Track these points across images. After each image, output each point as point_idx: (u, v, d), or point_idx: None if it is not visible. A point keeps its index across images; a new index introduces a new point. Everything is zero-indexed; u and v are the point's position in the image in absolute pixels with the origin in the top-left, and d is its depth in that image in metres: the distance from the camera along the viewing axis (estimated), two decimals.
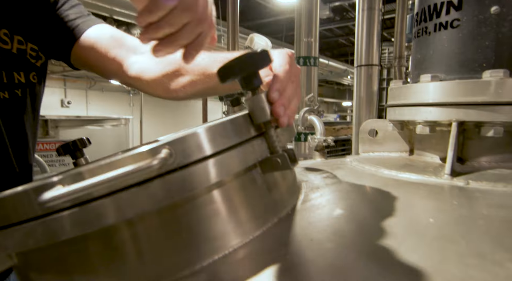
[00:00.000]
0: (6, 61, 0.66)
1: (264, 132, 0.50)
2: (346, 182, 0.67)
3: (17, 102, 0.69)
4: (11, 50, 0.67)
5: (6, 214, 0.41)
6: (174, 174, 0.41)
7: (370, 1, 2.37)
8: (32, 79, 0.71)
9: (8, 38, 0.66)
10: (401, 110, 0.78)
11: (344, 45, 9.08)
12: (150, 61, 0.71)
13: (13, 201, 0.41)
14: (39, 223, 0.40)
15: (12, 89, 0.67)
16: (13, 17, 0.68)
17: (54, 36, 0.73)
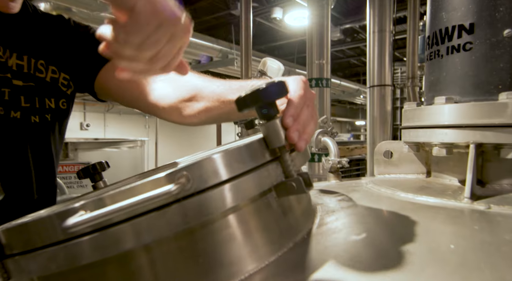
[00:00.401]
0: (40, 88, 0.71)
1: (279, 157, 0.50)
2: (362, 205, 0.66)
3: (46, 126, 0.73)
4: (45, 78, 0.72)
5: (30, 238, 0.43)
6: (191, 199, 0.42)
7: (381, 23, 2.41)
8: (62, 105, 0.76)
9: (44, 68, 0.72)
10: (416, 132, 0.78)
11: (356, 66, 9.14)
12: (167, 88, 0.75)
13: (37, 226, 0.42)
14: (61, 248, 0.41)
15: (43, 114, 0.72)
16: (50, 49, 0.74)
17: (81, 68, 0.79)
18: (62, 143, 0.83)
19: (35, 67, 0.71)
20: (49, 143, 0.75)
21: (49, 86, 0.74)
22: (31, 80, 0.71)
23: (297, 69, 7.08)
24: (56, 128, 0.77)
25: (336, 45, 6.36)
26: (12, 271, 0.45)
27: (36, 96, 0.71)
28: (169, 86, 0.74)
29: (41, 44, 0.73)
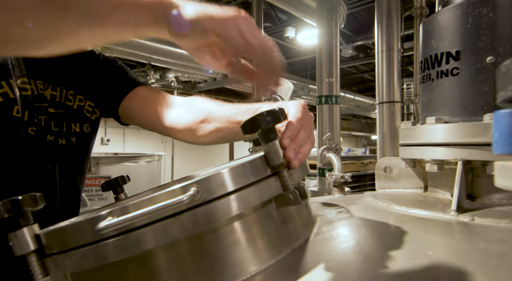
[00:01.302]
0: (68, 115, 0.82)
1: (278, 172, 0.58)
2: (358, 216, 0.72)
3: (71, 148, 0.84)
4: (72, 106, 0.83)
5: (66, 240, 0.51)
6: (200, 208, 0.49)
7: (389, 42, 2.48)
8: (85, 129, 0.87)
9: (72, 97, 0.83)
10: (410, 149, 0.84)
11: (369, 81, 9.16)
12: (182, 112, 0.84)
13: (73, 229, 0.51)
14: (92, 248, 0.49)
15: (69, 137, 0.83)
16: (79, 81, 0.86)
17: (107, 97, 0.90)
18: (87, 162, 0.93)
19: (65, 97, 0.83)
20: (73, 163, 0.85)
21: (75, 113, 0.84)
22: (61, 108, 0.81)
23: (310, 84, 7.17)
24: (80, 150, 0.87)
25: (349, 61, 6.44)
26: (50, 268, 0.53)
27: (64, 122, 0.82)
28: (183, 110, 0.84)
29: (72, 77, 0.85)
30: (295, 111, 0.61)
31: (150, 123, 0.90)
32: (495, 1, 0.71)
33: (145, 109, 0.89)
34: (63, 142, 0.82)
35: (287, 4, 3.36)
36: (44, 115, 0.76)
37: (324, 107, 2.78)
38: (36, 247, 0.52)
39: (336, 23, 2.85)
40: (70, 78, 0.84)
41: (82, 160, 0.88)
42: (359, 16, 5.09)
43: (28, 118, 0.72)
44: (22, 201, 0.51)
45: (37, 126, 0.74)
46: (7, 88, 0.69)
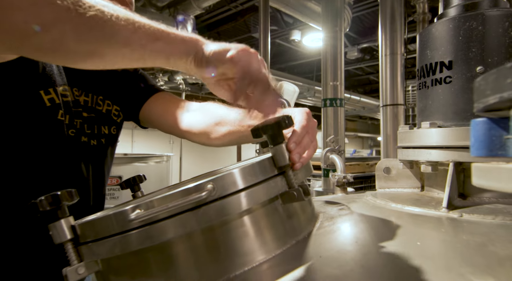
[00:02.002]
0: (98, 118, 0.91)
1: (284, 172, 0.64)
2: (357, 213, 0.78)
3: (101, 148, 0.93)
4: (102, 110, 0.92)
5: (100, 230, 0.58)
6: (215, 203, 0.57)
7: (392, 46, 2.53)
8: (113, 131, 0.95)
9: (102, 102, 0.92)
10: (407, 151, 0.90)
11: (375, 82, 9.18)
12: (197, 116, 0.92)
13: (105, 221, 0.58)
14: (121, 237, 0.57)
15: (99, 138, 0.91)
16: (107, 87, 0.95)
17: (129, 101, 0.99)
18: (112, 161, 1.01)
19: (96, 102, 0.92)
20: (103, 161, 0.94)
21: (104, 116, 0.94)
22: (93, 112, 0.90)
23: (316, 86, 7.22)
24: (108, 149, 0.96)
25: (354, 63, 6.47)
26: (84, 255, 0.60)
27: (95, 124, 0.91)
28: (199, 115, 0.92)
29: (101, 83, 0.94)
30: (300, 118, 0.68)
31: (168, 127, 0.98)
32: (485, 16, 0.77)
33: (163, 114, 0.97)
34: (95, 143, 0.91)
35: (293, 10, 3.43)
36: (80, 119, 0.85)
37: (329, 110, 2.84)
38: (72, 236, 0.60)
39: (340, 28, 2.90)
40: (99, 85, 0.94)
41: (109, 159, 0.97)
42: (365, 18, 5.13)
43: (68, 121, 0.81)
44: (61, 196, 0.59)
45: (75, 128, 0.83)
46: (54, 95, 0.78)
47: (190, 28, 4.00)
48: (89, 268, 0.60)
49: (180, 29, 3.61)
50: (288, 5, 3.34)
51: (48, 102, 0.76)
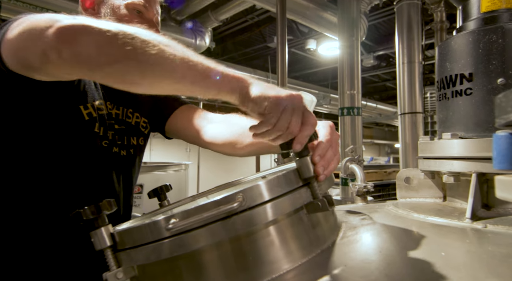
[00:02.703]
0: (128, 130, 0.97)
1: (309, 183, 0.67)
2: (379, 223, 0.80)
3: (130, 158, 0.99)
4: (131, 122, 0.98)
5: (137, 237, 0.62)
6: (245, 213, 0.60)
7: (410, 55, 2.52)
8: (140, 142, 1.01)
9: (131, 115, 0.98)
10: (428, 162, 0.91)
11: (392, 89, 9.06)
12: (221, 128, 0.97)
13: (141, 229, 0.62)
14: (158, 244, 0.60)
15: (128, 149, 0.97)
16: (136, 101, 1.02)
17: (156, 114, 1.05)
18: (139, 171, 1.07)
19: (126, 115, 0.98)
20: (131, 171, 0.99)
21: (133, 128, 1.00)
22: (123, 124, 0.97)
23: (331, 94, 7.21)
24: (136, 159, 1.02)
25: (370, 70, 6.44)
26: (123, 260, 0.64)
27: (125, 136, 0.97)
28: (223, 126, 0.97)
29: (131, 98, 1.00)
30: (325, 132, 0.71)
31: (192, 138, 1.04)
32: (504, 29, 0.78)
33: (188, 126, 1.03)
34: (124, 153, 0.96)
35: (309, 21, 3.48)
36: (112, 131, 0.91)
37: (346, 118, 2.85)
38: (111, 243, 0.64)
39: (357, 38, 2.92)
40: (129, 99, 1.00)
41: (136, 169, 1.02)
42: (380, 26, 5.12)
43: (102, 133, 0.87)
44: (102, 205, 0.64)
45: (108, 139, 0.89)
46: (91, 109, 0.84)
47: (208, 40, 4.11)
48: (126, 273, 0.64)
49: (189, 36, 3.74)
50: (305, 17, 3.39)
51: (86, 116, 0.82)
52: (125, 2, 0.91)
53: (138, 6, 0.91)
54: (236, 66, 5.58)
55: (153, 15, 0.95)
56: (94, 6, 0.92)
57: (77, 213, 0.63)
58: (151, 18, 0.94)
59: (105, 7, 0.91)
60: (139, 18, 0.92)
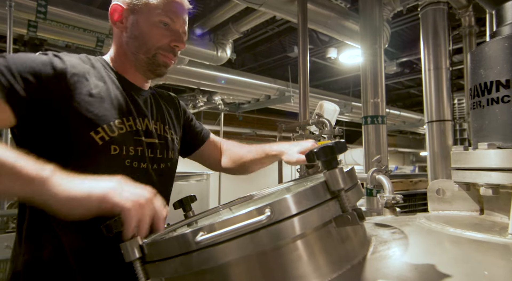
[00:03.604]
0: (167, 144, 1.01)
1: (337, 196, 0.65)
2: (412, 237, 0.76)
3: (168, 170, 1.02)
4: (168, 138, 1.03)
5: (165, 250, 0.62)
6: (272, 227, 0.59)
7: (436, 61, 2.44)
8: (175, 156, 1.06)
9: (168, 131, 1.03)
10: (463, 173, 0.87)
11: (416, 96, 8.81)
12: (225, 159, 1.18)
13: (169, 242, 0.62)
14: (186, 257, 0.60)
15: (166, 162, 1.01)
16: (168, 118, 1.08)
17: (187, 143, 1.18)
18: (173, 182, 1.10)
19: (164, 130, 1.02)
20: (168, 183, 1.02)
21: (170, 143, 1.03)
22: (162, 139, 1.00)
23: (353, 102, 7.10)
24: (172, 171, 1.06)
25: (393, 77, 6.31)
26: (151, 272, 0.65)
27: (165, 150, 1.00)
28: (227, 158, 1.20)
29: (164, 115, 1.06)
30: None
31: (213, 165, 1.23)
32: None
33: (209, 157, 1.21)
34: (163, 166, 1.00)
35: (330, 30, 3.46)
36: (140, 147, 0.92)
37: (370, 127, 2.78)
38: (140, 255, 0.65)
39: (380, 45, 2.87)
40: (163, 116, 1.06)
41: (172, 180, 1.07)
42: (403, 33, 5.02)
43: (125, 152, 0.88)
44: None
45: (131, 157, 0.90)
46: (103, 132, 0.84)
47: (229, 51, 4.18)
48: None
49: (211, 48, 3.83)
50: (326, 26, 3.38)
51: (99, 140, 0.83)
52: (151, 16, 0.92)
53: (164, 19, 0.93)
54: (256, 76, 5.62)
55: (179, 27, 0.96)
56: (122, 19, 0.94)
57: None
58: (177, 29, 0.95)
59: (132, 21, 0.93)
60: (166, 30, 0.94)
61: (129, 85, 0.96)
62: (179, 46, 0.96)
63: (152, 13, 0.92)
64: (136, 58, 0.94)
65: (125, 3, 0.93)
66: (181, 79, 4.86)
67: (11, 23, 2.47)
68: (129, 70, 0.97)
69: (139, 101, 0.97)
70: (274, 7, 3.06)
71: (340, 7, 3.49)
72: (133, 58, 0.95)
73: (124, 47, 0.95)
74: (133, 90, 0.97)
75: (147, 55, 0.94)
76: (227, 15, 3.61)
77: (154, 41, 0.93)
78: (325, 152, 0.62)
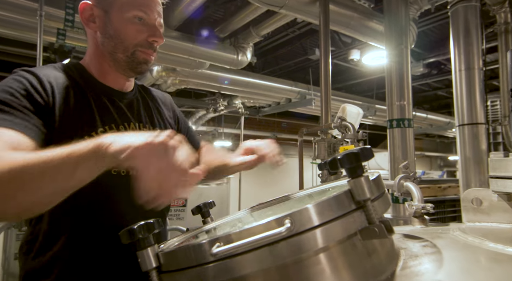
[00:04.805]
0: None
1: (363, 206, 0.61)
2: (446, 252, 0.70)
3: None
4: None
5: (181, 260, 0.60)
6: (293, 239, 0.55)
7: (468, 61, 2.30)
8: None
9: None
10: (504, 182, 0.79)
11: (444, 97, 8.44)
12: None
13: (185, 252, 0.60)
14: (202, 269, 0.58)
15: None
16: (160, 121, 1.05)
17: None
18: None
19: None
20: None
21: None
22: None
23: (376, 104, 6.91)
24: None
25: (419, 79, 6.08)
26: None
27: None
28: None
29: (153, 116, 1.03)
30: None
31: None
32: None
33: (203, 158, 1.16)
34: None
35: (353, 31, 3.38)
36: None
37: (396, 131, 2.66)
38: (157, 265, 0.63)
39: (406, 46, 2.75)
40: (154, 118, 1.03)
41: None
42: (430, 32, 4.83)
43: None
44: (152, 225, 0.63)
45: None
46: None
47: (249, 55, 4.18)
48: None
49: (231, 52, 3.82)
50: (348, 27, 3.29)
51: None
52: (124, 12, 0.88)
53: (138, 13, 0.89)
54: (277, 80, 5.59)
55: (154, 20, 0.92)
56: (95, 18, 0.90)
57: (124, 233, 0.62)
58: (153, 23, 0.91)
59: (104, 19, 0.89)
60: (141, 25, 0.90)
61: (110, 91, 0.93)
62: (158, 40, 0.92)
63: (124, 9, 0.88)
64: (114, 58, 0.91)
65: (95, 1, 0.89)
66: (202, 83, 4.91)
67: (41, 32, 2.58)
68: (109, 72, 0.93)
69: (122, 106, 0.93)
70: (295, 9, 3.02)
71: (363, 7, 3.40)
72: (111, 58, 0.91)
73: (100, 48, 0.91)
74: (114, 95, 0.94)
75: (126, 54, 0.90)
76: (248, 19, 3.60)
77: (131, 39, 0.89)
78: (350, 159, 0.57)
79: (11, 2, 2.84)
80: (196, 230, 0.97)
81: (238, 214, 1.11)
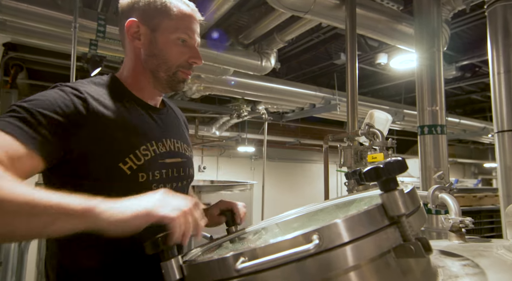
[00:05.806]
0: (188, 162, 1.01)
1: (397, 222, 0.57)
2: (491, 273, 0.64)
3: (187, 186, 1.03)
4: (187, 155, 1.02)
5: (206, 274, 0.58)
6: (321, 255, 0.52)
7: (508, 63, 2.15)
8: (193, 172, 1.06)
9: (186, 148, 1.03)
10: None
11: (479, 102, 7.99)
12: None
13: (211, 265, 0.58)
14: None
15: (186, 179, 1.00)
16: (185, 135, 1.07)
17: None
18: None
19: (183, 148, 1.01)
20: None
21: (189, 160, 1.03)
22: (184, 157, 1.00)
23: (405, 109, 6.66)
24: (188, 188, 1.06)
25: (451, 82, 5.80)
26: None
27: (187, 167, 1.00)
28: None
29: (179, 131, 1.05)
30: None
31: None
32: None
33: None
34: (185, 183, 1.00)
35: (380, 34, 3.27)
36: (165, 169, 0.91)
37: (427, 137, 2.53)
38: (181, 277, 0.61)
39: (438, 48, 2.62)
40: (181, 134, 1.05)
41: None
42: (463, 34, 4.60)
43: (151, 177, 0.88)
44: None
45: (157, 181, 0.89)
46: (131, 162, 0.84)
47: (273, 61, 4.17)
48: None
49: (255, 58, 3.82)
50: (376, 30, 3.20)
51: (127, 170, 0.83)
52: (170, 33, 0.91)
53: (182, 36, 0.92)
54: (301, 85, 5.54)
55: (195, 42, 0.95)
56: (140, 36, 0.92)
57: (149, 243, 0.62)
58: (193, 45, 0.95)
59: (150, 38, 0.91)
60: (183, 47, 0.92)
61: (147, 107, 0.95)
62: (197, 62, 0.96)
63: (171, 30, 0.91)
64: (156, 76, 0.93)
65: (142, 19, 0.91)
66: (226, 89, 4.95)
67: (75, 43, 2.70)
68: (146, 87, 0.95)
69: (159, 123, 0.96)
70: (320, 14, 2.97)
71: (391, 10, 3.30)
72: (151, 75, 0.94)
73: (141, 65, 0.94)
74: (151, 111, 0.96)
75: (168, 73, 0.93)
76: (272, 25, 3.60)
77: (174, 60, 0.92)
78: (382, 171, 0.54)
79: (48, 16, 3.00)
80: (220, 239, 0.96)
81: (262, 223, 1.09)
